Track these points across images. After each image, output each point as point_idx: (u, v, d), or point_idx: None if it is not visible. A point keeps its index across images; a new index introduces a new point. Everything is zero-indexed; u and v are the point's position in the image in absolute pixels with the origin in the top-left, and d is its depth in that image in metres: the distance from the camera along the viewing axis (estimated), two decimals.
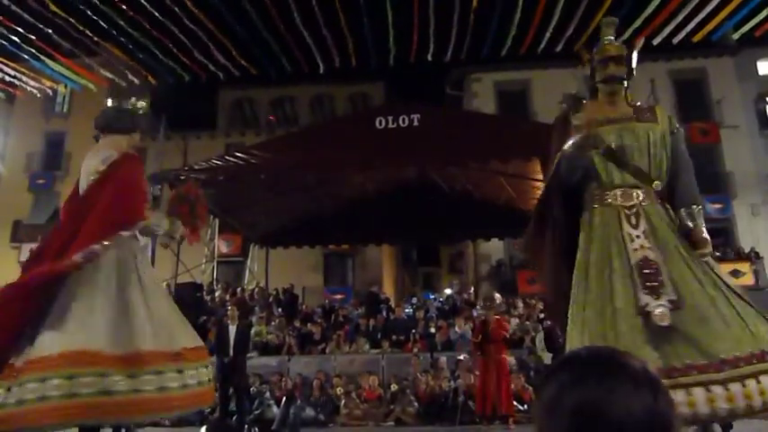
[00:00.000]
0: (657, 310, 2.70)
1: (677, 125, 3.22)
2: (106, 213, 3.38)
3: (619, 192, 3.03)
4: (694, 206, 2.99)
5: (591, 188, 3.13)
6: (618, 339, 2.67)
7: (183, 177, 10.89)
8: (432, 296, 20.41)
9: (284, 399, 9.22)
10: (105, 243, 3.30)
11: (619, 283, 2.85)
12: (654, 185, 3.02)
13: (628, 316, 2.76)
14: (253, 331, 11.02)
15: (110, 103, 4.11)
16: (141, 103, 4.05)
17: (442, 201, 14.61)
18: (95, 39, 15.13)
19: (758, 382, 2.52)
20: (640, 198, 2.99)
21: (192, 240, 4.09)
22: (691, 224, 2.97)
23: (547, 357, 9.98)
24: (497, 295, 8.85)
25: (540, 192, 14.51)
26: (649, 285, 2.78)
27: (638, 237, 2.90)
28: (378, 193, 14.75)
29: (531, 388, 8.86)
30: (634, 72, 3.28)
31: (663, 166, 3.07)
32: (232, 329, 8.65)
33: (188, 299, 12.84)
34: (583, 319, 2.86)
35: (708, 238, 2.88)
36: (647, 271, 2.81)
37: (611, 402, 0.81)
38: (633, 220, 2.94)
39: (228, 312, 9.13)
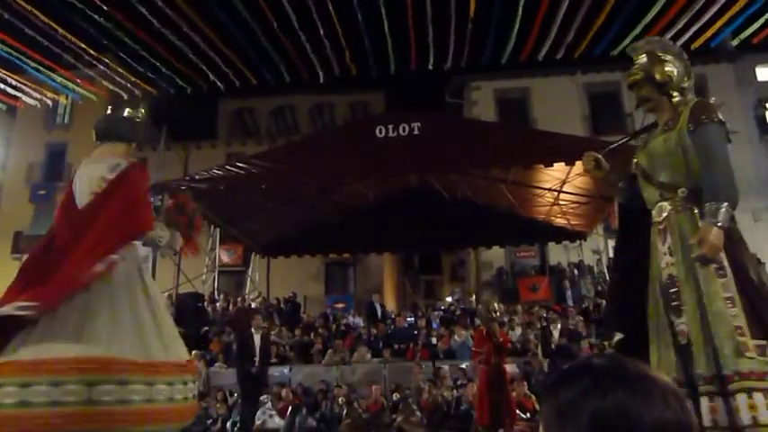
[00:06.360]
0: (679, 328, 2.77)
1: (702, 119, 2.90)
2: (117, 224, 3.31)
3: (653, 210, 3.05)
4: (708, 204, 2.74)
5: None
6: (660, 354, 2.83)
7: (183, 188, 10.90)
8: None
9: (290, 409, 9.17)
10: (122, 253, 3.24)
11: (653, 300, 2.96)
12: (679, 193, 2.93)
13: (664, 333, 2.86)
14: None
15: (109, 111, 4.05)
16: (141, 111, 4.00)
17: (443, 208, 14.59)
18: (96, 50, 15.22)
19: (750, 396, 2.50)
20: (668, 211, 2.96)
21: (193, 252, 4.06)
22: (701, 224, 2.77)
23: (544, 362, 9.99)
24: (496, 305, 8.80)
25: (540, 199, 14.54)
26: (672, 305, 2.83)
27: (665, 254, 2.93)
28: (379, 201, 14.75)
29: (533, 396, 8.83)
30: (672, 78, 3.06)
31: (684, 170, 2.92)
32: (257, 338, 8.67)
33: (189, 309, 12.83)
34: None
35: (706, 238, 2.65)
36: (671, 290, 2.86)
37: (644, 411, 0.80)
38: (662, 236, 2.96)
39: (253, 322, 9.14)
